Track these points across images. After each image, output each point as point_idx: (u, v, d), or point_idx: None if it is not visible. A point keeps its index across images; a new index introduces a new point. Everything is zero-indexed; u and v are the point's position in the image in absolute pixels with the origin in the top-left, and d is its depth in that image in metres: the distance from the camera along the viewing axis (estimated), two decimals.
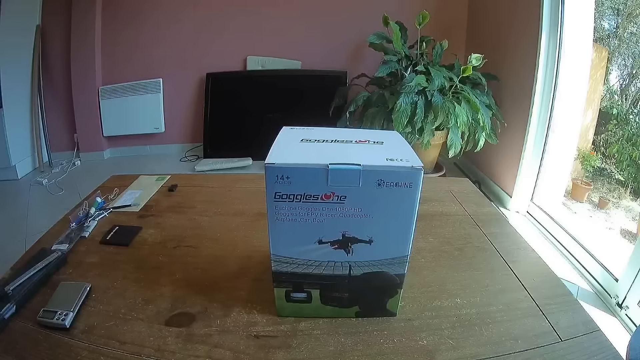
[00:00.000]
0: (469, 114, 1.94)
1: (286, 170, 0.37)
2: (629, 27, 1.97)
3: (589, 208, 2.15)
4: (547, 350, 0.44)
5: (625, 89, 2.04)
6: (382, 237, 0.42)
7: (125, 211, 0.74)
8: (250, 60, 2.76)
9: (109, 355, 0.42)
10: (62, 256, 0.57)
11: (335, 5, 2.66)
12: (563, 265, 1.66)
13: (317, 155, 0.39)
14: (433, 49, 2.20)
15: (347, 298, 0.47)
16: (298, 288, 0.46)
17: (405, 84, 1.91)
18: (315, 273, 0.44)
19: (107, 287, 0.53)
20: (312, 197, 0.39)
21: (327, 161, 0.37)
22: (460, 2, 2.65)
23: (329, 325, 0.47)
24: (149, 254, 0.61)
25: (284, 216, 0.40)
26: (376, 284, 0.45)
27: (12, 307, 0.46)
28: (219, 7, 2.64)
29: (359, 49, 2.67)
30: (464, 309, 0.50)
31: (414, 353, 0.44)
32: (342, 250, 0.42)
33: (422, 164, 0.38)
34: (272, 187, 0.38)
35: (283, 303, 0.47)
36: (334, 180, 0.38)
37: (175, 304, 0.50)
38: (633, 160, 1.91)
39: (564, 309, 0.51)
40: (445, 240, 0.67)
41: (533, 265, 0.62)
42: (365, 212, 0.40)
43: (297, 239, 0.41)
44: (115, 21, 2.64)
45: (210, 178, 0.93)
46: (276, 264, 0.43)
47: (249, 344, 0.44)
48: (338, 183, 0.38)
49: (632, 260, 1.33)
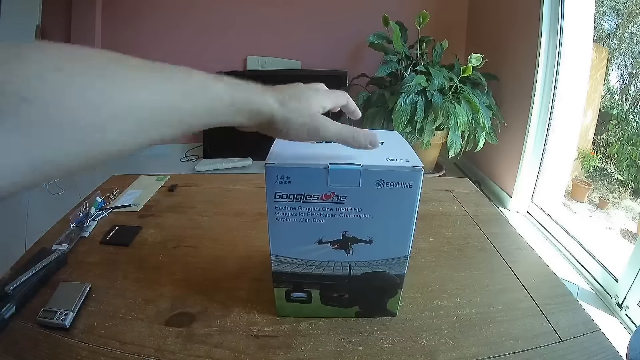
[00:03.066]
0: (469, 114, 1.94)
1: (286, 170, 0.37)
2: (629, 27, 1.97)
3: (589, 208, 2.15)
4: (547, 350, 0.44)
5: (625, 89, 2.04)
6: (382, 237, 0.42)
7: (125, 211, 0.74)
8: (250, 60, 2.76)
9: (109, 355, 0.42)
10: (62, 256, 0.57)
11: (335, 5, 2.66)
12: (563, 265, 1.66)
13: (317, 155, 0.39)
14: (433, 49, 2.20)
15: (347, 298, 0.47)
16: (298, 288, 0.46)
17: (405, 84, 1.91)
18: (315, 273, 0.44)
19: (107, 287, 0.53)
20: (312, 197, 0.39)
21: (327, 161, 0.37)
22: (460, 2, 2.65)
23: (329, 325, 0.47)
24: (149, 254, 0.61)
25: (284, 216, 0.40)
26: (376, 284, 0.45)
27: (12, 307, 0.46)
28: (219, 7, 2.64)
29: (359, 49, 2.68)
30: (464, 309, 0.50)
31: (414, 353, 0.44)
32: (342, 250, 0.42)
33: (422, 164, 0.38)
34: (272, 187, 0.38)
35: (283, 303, 0.47)
36: (334, 180, 0.38)
37: (175, 304, 0.50)
38: (633, 160, 1.91)
39: (564, 309, 0.51)
40: (445, 240, 0.67)
41: (533, 265, 0.62)
42: (365, 212, 0.40)
43: (297, 239, 0.41)
44: (115, 21, 2.64)
45: (210, 178, 0.93)
46: (276, 264, 0.43)
47: (249, 344, 0.44)
48: (338, 183, 0.38)
49: (632, 260, 1.34)
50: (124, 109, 0.23)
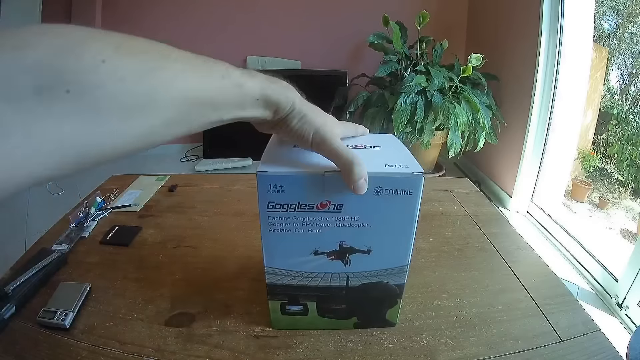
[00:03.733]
0: (469, 114, 1.94)
1: (279, 179, 0.35)
2: (629, 27, 1.98)
3: (589, 208, 2.15)
4: (547, 350, 0.44)
5: (625, 89, 2.04)
6: (381, 247, 0.40)
7: (125, 211, 0.74)
8: (250, 60, 2.77)
9: (109, 355, 0.42)
10: (62, 256, 0.57)
11: (335, 5, 2.66)
12: (563, 265, 1.66)
13: (311, 163, 0.37)
14: (433, 49, 2.20)
15: (344, 310, 0.45)
16: (294, 300, 0.44)
17: (405, 84, 1.91)
18: (311, 285, 0.42)
19: (107, 287, 0.53)
20: (307, 206, 0.37)
21: (322, 168, 0.36)
22: (460, 2, 2.65)
23: None
24: (149, 254, 0.61)
25: (277, 227, 0.38)
26: (375, 294, 0.44)
27: (12, 307, 0.46)
28: (219, 7, 2.65)
29: (359, 49, 2.68)
30: (464, 309, 0.50)
31: (414, 353, 0.44)
32: (340, 261, 0.41)
33: (423, 170, 0.36)
34: (265, 197, 0.36)
35: (278, 316, 0.46)
36: (330, 188, 0.36)
37: (175, 304, 0.50)
38: (633, 160, 1.91)
39: (564, 309, 0.51)
40: (445, 240, 0.67)
41: (533, 265, 0.62)
42: (363, 221, 0.38)
43: (292, 250, 0.40)
44: (116, 21, 2.64)
45: (210, 178, 0.93)
46: (270, 276, 0.42)
47: (249, 344, 0.44)
48: (334, 191, 0.36)
49: (632, 260, 1.34)
50: (167, 102, 0.24)
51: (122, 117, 0.22)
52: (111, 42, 0.21)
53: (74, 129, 0.20)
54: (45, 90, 0.18)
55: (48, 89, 0.18)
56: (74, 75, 0.19)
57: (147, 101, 0.23)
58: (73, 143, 0.20)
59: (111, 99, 0.21)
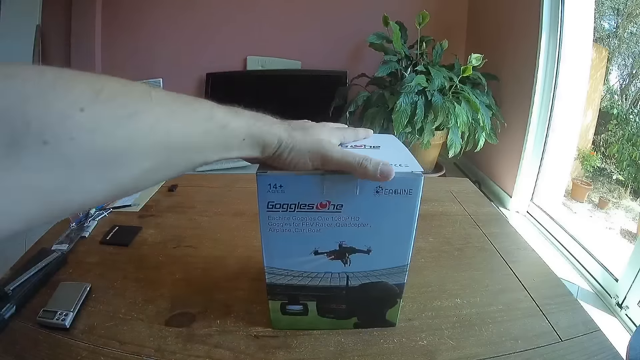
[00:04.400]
0: (469, 114, 1.94)
1: (279, 179, 0.35)
2: (629, 27, 1.98)
3: (589, 208, 2.15)
4: (547, 350, 0.44)
5: (625, 89, 2.04)
6: (380, 247, 0.40)
7: (125, 211, 0.74)
8: (250, 60, 2.76)
9: (109, 355, 0.42)
10: (62, 256, 0.57)
11: (335, 5, 2.66)
12: (563, 265, 1.66)
13: None
14: (433, 49, 2.20)
15: (344, 309, 0.45)
16: (294, 300, 0.44)
17: (405, 84, 1.91)
18: (311, 285, 0.43)
19: (107, 287, 0.53)
20: (307, 206, 0.37)
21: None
22: (460, 2, 2.65)
23: None
24: (149, 254, 0.61)
25: (277, 227, 0.38)
26: (375, 294, 0.44)
27: (12, 307, 0.46)
28: (219, 7, 2.64)
29: (359, 49, 2.67)
30: (464, 309, 0.50)
31: (414, 353, 0.44)
32: (339, 261, 0.41)
33: (422, 169, 0.36)
34: (265, 197, 0.36)
35: (278, 316, 0.46)
36: (330, 188, 0.36)
37: (175, 304, 0.50)
38: (633, 160, 1.91)
39: (564, 309, 0.51)
40: (445, 240, 0.67)
41: (533, 265, 0.62)
42: (362, 221, 0.38)
43: (292, 250, 0.40)
44: (115, 21, 2.64)
45: (210, 178, 0.93)
46: (270, 276, 0.42)
47: (249, 344, 0.44)
48: (334, 191, 0.36)
49: (632, 260, 1.34)
50: (146, 149, 0.23)
51: (98, 170, 0.20)
52: (90, 87, 0.20)
53: (44, 184, 0.18)
54: (12, 142, 0.16)
55: (15, 141, 0.17)
56: (46, 126, 0.17)
57: (125, 151, 0.21)
58: (43, 199, 0.18)
59: (86, 151, 0.19)
